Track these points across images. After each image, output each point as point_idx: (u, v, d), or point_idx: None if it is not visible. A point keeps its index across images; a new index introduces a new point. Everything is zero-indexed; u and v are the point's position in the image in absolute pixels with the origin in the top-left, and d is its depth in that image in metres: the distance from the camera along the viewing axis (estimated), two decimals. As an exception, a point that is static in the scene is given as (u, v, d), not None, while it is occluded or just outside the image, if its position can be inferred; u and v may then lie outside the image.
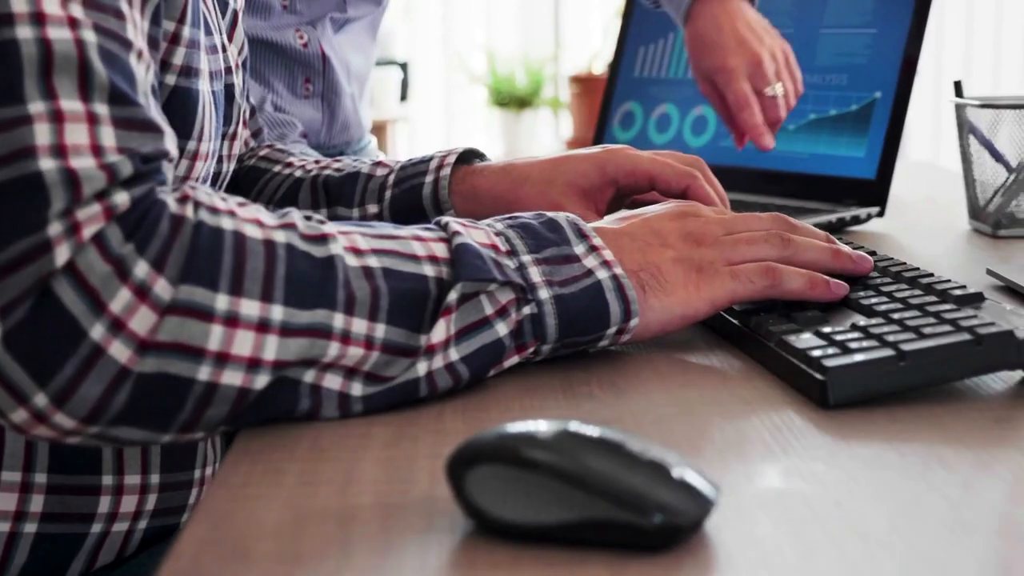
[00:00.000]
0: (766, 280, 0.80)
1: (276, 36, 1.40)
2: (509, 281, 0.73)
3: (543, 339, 0.75)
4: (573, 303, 0.75)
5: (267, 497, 0.60)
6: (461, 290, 0.71)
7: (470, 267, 0.72)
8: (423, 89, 4.29)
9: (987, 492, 0.58)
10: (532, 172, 1.02)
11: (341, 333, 0.68)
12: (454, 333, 0.71)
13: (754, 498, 0.58)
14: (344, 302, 0.68)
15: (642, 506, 0.52)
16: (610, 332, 0.77)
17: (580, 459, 0.53)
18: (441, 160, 1.05)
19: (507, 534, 0.54)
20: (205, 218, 0.66)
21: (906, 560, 0.51)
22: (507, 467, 0.54)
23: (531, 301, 0.74)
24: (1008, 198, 1.23)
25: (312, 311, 0.67)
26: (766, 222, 0.84)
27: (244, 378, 0.66)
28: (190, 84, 0.83)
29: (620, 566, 0.51)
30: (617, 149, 1.02)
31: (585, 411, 0.71)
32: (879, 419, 0.68)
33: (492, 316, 0.73)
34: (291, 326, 0.67)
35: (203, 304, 0.64)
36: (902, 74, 1.30)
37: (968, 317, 0.74)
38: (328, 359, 0.68)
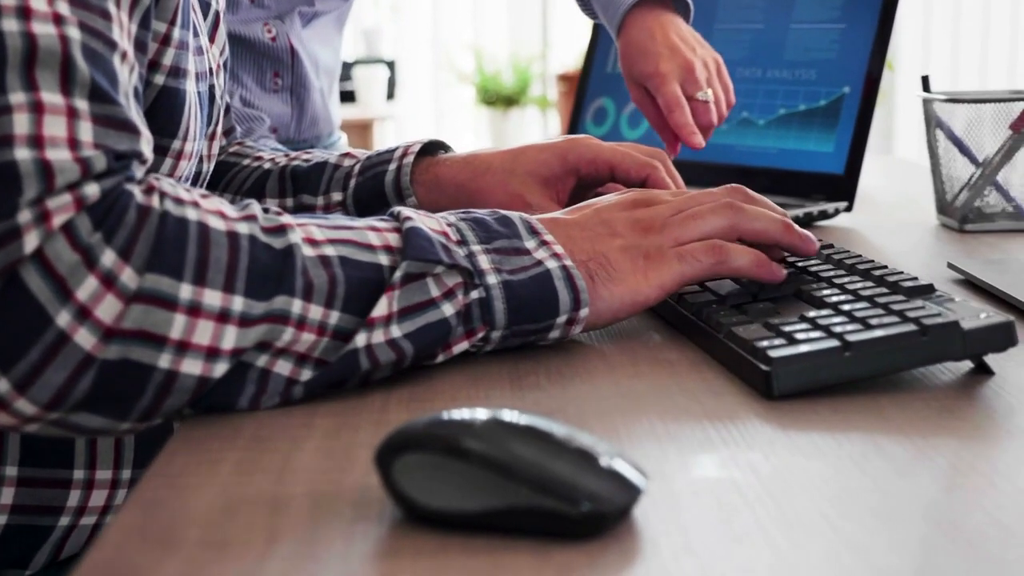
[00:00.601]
0: (712, 257, 0.80)
1: (244, 30, 1.39)
2: (456, 264, 0.73)
3: (492, 324, 0.75)
4: (521, 289, 0.75)
5: (201, 486, 0.60)
6: (405, 269, 0.72)
7: (416, 248, 0.72)
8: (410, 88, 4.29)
9: (921, 480, 0.58)
10: (494, 161, 1.02)
11: (297, 319, 0.69)
12: (397, 311, 0.71)
13: (686, 486, 0.58)
14: (302, 289, 0.69)
15: (568, 494, 0.52)
16: (560, 321, 0.77)
17: (507, 447, 0.53)
18: (405, 149, 1.05)
19: (435, 522, 0.54)
20: (170, 208, 0.67)
21: (831, 546, 0.51)
22: (434, 455, 0.54)
23: (479, 286, 0.74)
24: (975, 193, 1.23)
25: (271, 299, 0.68)
26: (719, 194, 0.84)
27: (203, 366, 0.67)
28: (178, 84, 0.83)
29: (545, 553, 0.51)
30: (578, 139, 1.02)
31: (530, 401, 0.71)
32: (822, 410, 0.68)
33: (438, 298, 0.73)
34: (250, 316, 0.67)
35: (167, 293, 0.65)
36: (870, 69, 1.30)
37: (915, 308, 0.74)
38: (282, 344, 0.69)
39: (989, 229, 1.23)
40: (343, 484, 0.59)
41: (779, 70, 1.37)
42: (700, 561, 0.50)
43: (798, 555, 0.50)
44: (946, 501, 0.56)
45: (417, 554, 0.52)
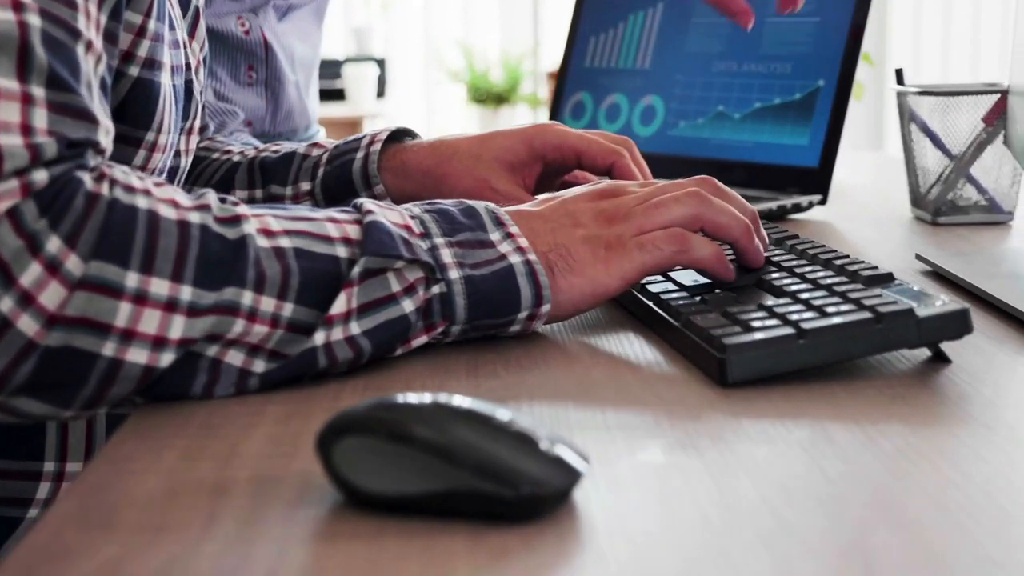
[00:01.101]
0: (674, 245, 0.79)
1: (217, 23, 1.39)
2: (417, 259, 0.73)
3: (452, 319, 0.75)
4: (483, 284, 0.75)
5: (146, 471, 0.60)
6: (364, 265, 0.71)
7: (376, 243, 0.72)
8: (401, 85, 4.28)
9: (866, 466, 0.58)
10: (460, 147, 1.02)
11: (248, 311, 0.68)
12: (356, 307, 0.71)
13: (630, 471, 0.58)
14: (254, 280, 0.68)
15: (506, 477, 0.52)
16: (521, 316, 0.77)
17: (446, 430, 0.53)
18: (372, 137, 1.05)
19: (375, 506, 0.54)
20: (120, 196, 0.66)
21: (769, 530, 0.51)
22: (373, 438, 0.53)
23: (440, 280, 0.74)
24: (948, 186, 1.23)
25: (221, 290, 0.67)
26: (687, 184, 0.82)
27: (149, 356, 0.66)
28: (153, 76, 0.83)
29: (480, 536, 0.51)
30: (546, 125, 1.02)
31: (484, 389, 0.71)
32: (775, 397, 0.68)
33: (399, 293, 0.72)
34: (199, 306, 0.67)
35: (113, 281, 0.65)
36: (844, 62, 1.29)
37: (872, 296, 0.74)
38: (232, 335, 0.68)
39: (963, 222, 1.23)
40: (288, 469, 0.59)
41: (754, 64, 1.37)
42: (635, 544, 0.50)
43: (734, 539, 0.50)
44: (889, 486, 0.56)
45: (353, 537, 0.52)
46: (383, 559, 0.49)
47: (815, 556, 0.48)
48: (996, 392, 0.69)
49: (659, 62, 1.47)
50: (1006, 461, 0.58)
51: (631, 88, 1.50)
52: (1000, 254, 1.04)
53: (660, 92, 1.46)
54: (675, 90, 1.45)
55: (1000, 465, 0.57)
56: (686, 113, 1.43)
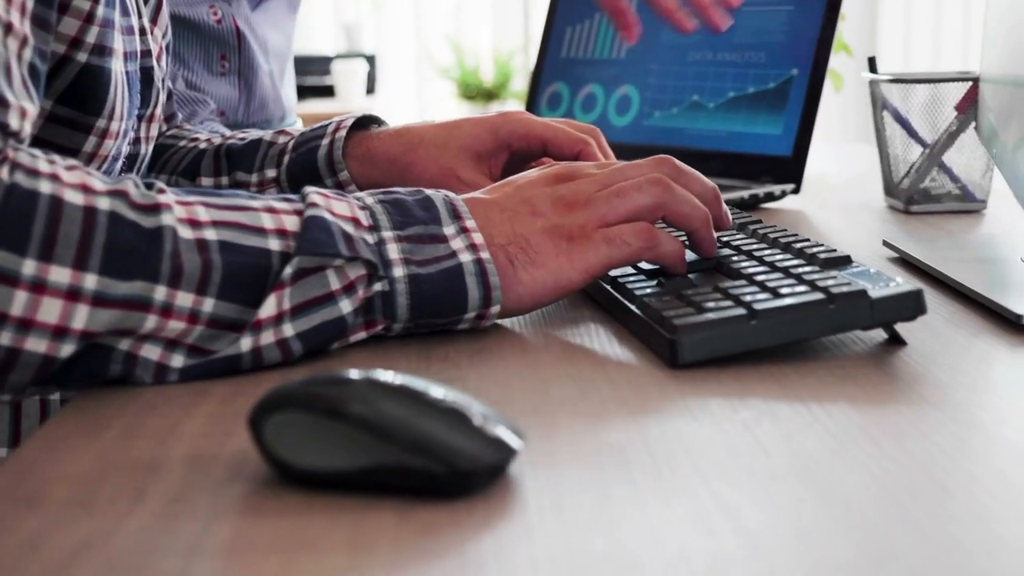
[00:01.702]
0: (641, 241, 0.77)
1: (189, 12, 1.39)
2: (357, 256, 0.71)
3: (394, 318, 0.73)
4: (428, 284, 0.73)
5: (82, 449, 0.59)
6: (297, 265, 0.69)
7: (312, 241, 0.69)
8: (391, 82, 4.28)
9: (807, 444, 0.57)
10: (426, 135, 1.01)
11: (161, 306, 0.66)
12: (289, 308, 0.69)
13: (570, 449, 0.57)
14: (169, 274, 0.66)
15: (435, 452, 0.51)
16: (468, 316, 0.75)
17: (376, 406, 0.52)
18: (338, 124, 1.04)
19: (307, 482, 0.53)
20: (20, 180, 0.64)
21: (703, 506, 0.50)
22: (304, 414, 0.53)
23: (384, 278, 0.72)
24: (921, 175, 1.22)
25: (131, 282, 0.65)
26: (646, 167, 0.81)
27: (49, 346, 0.64)
28: (102, 63, 0.82)
29: (409, 512, 0.50)
30: (511, 114, 1.01)
31: (434, 371, 0.70)
32: (725, 378, 0.68)
33: (337, 292, 0.70)
34: (105, 296, 0.64)
35: (8, 269, 0.62)
36: (818, 51, 1.29)
37: (827, 278, 0.73)
38: (144, 331, 0.66)
39: (935, 211, 1.23)
40: (225, 447, 0.59)
41: (729, 53, 1.37)
42: (564, 519, 0.49)
43: (665, 514, 0.50)
44: (828, 463, 0.55)
45: (280, 513, 0.51)
46: (307, 534, 0.49)
47: (746, 531, 0.48)
48: (949, 374, 0.68)
49: (634, 52, 1.47)
50: (951, 440, 0.57)
51: (607, 78, 1.49)
52: (968, 241, 1.03)
53: (635, 82, 1.46)
54: (650, 80, 1.44)
55: (944, 444, 0.57)
56: (661, 103, 1.42)
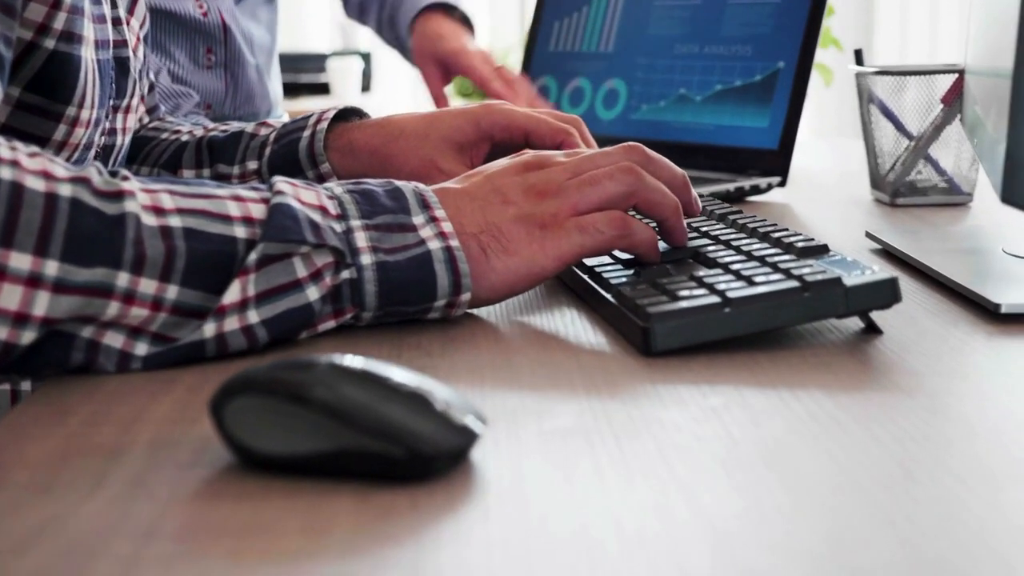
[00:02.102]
0: (615, 230, 0.76)
1: (175, 6, 1.38)
2: (324, 244, 0.70)
3: (362, 306, 0.73)
4: (396, 272, 0.72)
5: (45, 436, 0.59)
6: (262, 251, 0.69)
7: (277, 227, 0.69)
8: (388, 79, 4.26)
9: (775, 430, 0.57)
10: (407, 126, 1.01)
11: (124, 292, 0.66)
12: (255, 295, 0.69)
13: (536, 434, 0.57)
14: (132, 261, 0.66)
15: (395, 436, 0.51)
16: (438, 304, 0.75)
17: (336, 390, 0.52)
18: (319, 116, 1.04)
19: (268, 467, 0.53)
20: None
21: (665, 490, 0.50)
22: (264, 399, 0.52)
23: (351, 266, 0.72)
24: (907, 167, 1.22)
25: (92, 269, 0.65)
26: (616, 155, 0.80)
27: (9, 332, 0.64)
28: (71, 50, 0.81)
29: (368, 496, 0.50)
30: (493, 104, 1.01)
31: (405, 359, 0.70)
32: (697, 365, 0.67)
33: (304, 279, 0.70)
34: (66, 283, 0.64)
35: None
36: (804, 44, 1.28)
37: (802, 266, 0.73)
38: (107, 318, 0.66)
39: (921, 203, 1.22)
40: (189, 433, 0.58)
41: (716, 46, 1.36)
42: (524, 503, 0.49)
43: (627, 498, 0.49)
44: (794, 449, 0.54)
45: (238, 497, 0.51)
46: (263, 518, 0.48)
47: (706, 515, 0.47)
48: (923, 362, 0.68)
49: (622, 45, 1.47)
50: (919, 426, 0.57)
51: (594, 72, 1.49)
52: (952, 232, 1.03)
53: (623, 75, 1.45)
54: (638, 73, 1.44)
55: (912, 430, 0.56)
56: (648, 96, 1.42)
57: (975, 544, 0.44)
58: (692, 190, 0.82)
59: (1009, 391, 0.63)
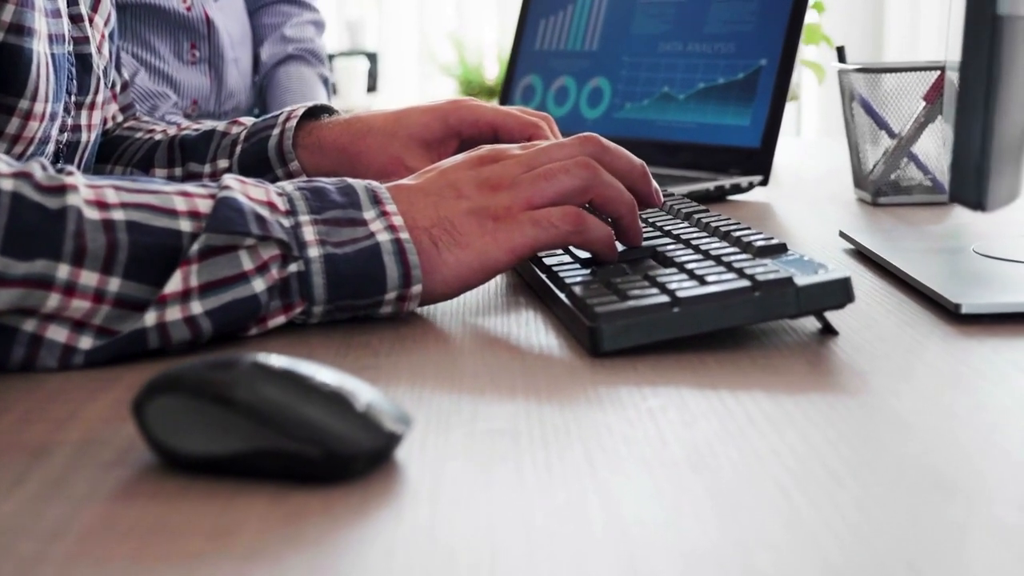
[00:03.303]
0: (569, 225, 0.76)
1: (160, 0, 1.38)
2: (269, 236, 0.70)
3: (311, 300, 0.72)
4: (344, 264, 0.72)
5: (-25, 434, 0.58)
6: (205, 242, 0.69)
7: (221, 219, 0.69)
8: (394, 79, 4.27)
9: (709, 432, 0.56)
10: (375, 124, 1.00)
11: (64, 284, 0.66)
12: (197, 285, 0.68)
13: (465, 436, 0.56)
14: (72, 253, 0.66)
15: (310, 436, 0.50)
16: (389, 298, 0.74)
17: (254, 389, 0.51)
18: (289, 114, 1.03)
19: (190, 467, 0.52)
20: None
21: (584, 492, 0.49)
22: (184, 398, 0.52)
23: (298, 259, 0.71)
24: (890, 166, 1.21)
25: (32, 262, 0.65)
26: (571, 148, 0.79)
27: None
28: (21, 42, 0.81)
29: (283, 497, 0.49)
30: (461, 101, 1.00)
31: (350, 359, 0.69)
32: (642, 367, 0.66)
33: (250, 272, 0.70)
34: (5, 276, 0.64)
35: None
36: (786, 41, 1.27)
37: (756, 266, 0.72)
38: (48, 310, 0.66)
39: (904, 202, 1.21)
40: (119, 432, 0.58)
41: (699, 43, 1.35)
42: (438, 506, 0.48)
43: (542, 502, 0.48)
44: (723, 452, 0.53)
45: (153, 497, 0.50)
46: (173, 519, 0.48)
47: (619, 519, 0.46)
48: (873, 362, 0.67)
49: (606, 44, 1.46)
50: (854, 428, 0.56)
51: (579, 70, 1.48)
52: (929, 232, 1.02)
53: (607, 74, 1.45)
54: (622, 72, 1.43)
55: (847, 432, 0.55)
56: (632, 95, 1.41)
57: (889, 553, 0.43)
58: (652, 181, 0.82)
59: (953, 391, 0.62)
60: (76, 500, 0.50)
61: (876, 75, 1.20)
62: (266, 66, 1.65)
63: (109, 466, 0.54)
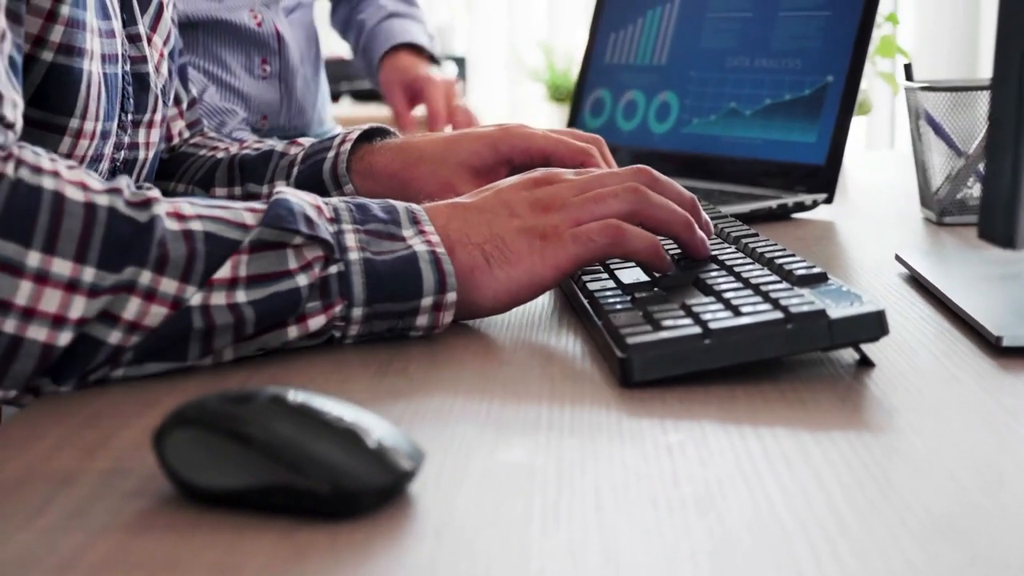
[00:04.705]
0: (607, 238, 0.78)
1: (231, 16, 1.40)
2: (316, 236, 0.73)
3: (350, 300, 0.74)
4: (383, 266, 0.75)
5: (11, 459, 0.60)
6: (257, 235, 0.72)
7: (273, 216, 0.72)
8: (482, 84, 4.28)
9: (721, 471, 0.56)
10: (426, 150, 1.01)
11: (146, 290, 0.69)
12: (245, 276, 0.71)
13: (481, 470, 0.57)
14: (155, 261, 0.69)
15: (320, 472, 0.51)
16: (426, 304, 0.76)
17: (266, 425, 0.52)
18: (344, 137, 1.04)
19: (207, 500, 0.53)
20: (25, 177, 0.67)
21: (584, 532, 0.49)
22: (201, 431, 0.53)
23: (339, 261, 0.74)
24: (956, 185, 1.19)
25: (121, 271, 0.68)
26: (624, 177, 0.81)
27: (48, 334, 0.67)
28: (71, 62, 0.83)
29: (291, 533, 0.50)
30: (512, 128, 1.01)
31: (383, 387, 0.70)
32: (671, 398, 0.66)
33: (295, 270, 0.73)
34: (99, 287, 0.68)
35: (14, 260, 0.66)
36: (854, 58, 1.26)
37: (792, 296, 0.71)
38: (130, 316, 0.68)
39: (970, 222, 1.19)
40: (145, 462, 0.59)
41: (766, 59, 1.34)
42: (442, 544, 0.49)
43: (543, 541, 0.49)
44: (732, 491, 0.53)
45: (166, 529, 0.51)
46: (180, 552, 0.49)
47: (615, 561, 0.47)
48: (903, 398, 0.66)
49: (675, 58, 1.45)
50: (871, 468, 0.56)
51: (648, 84, 1.48)
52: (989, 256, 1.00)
53: (675, 88, 1.44)
54: (690, 87, 1.43)
55: (860, 472, 0.55)
56: (700, 110, 1.41)
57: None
58: (702, 212, 0.83)
59: (978, 432, 0.61)
60: (92, 531, 0.51)
61: (943, 93, 1.19)
62: (366, 25, 1.79)
63: (130, 496, 0.55)
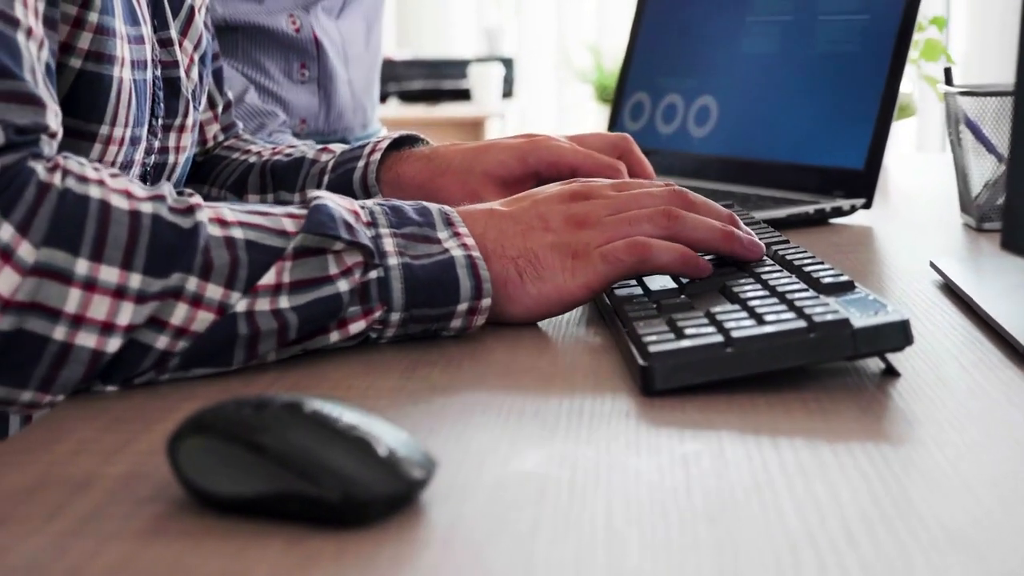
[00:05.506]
0: (634, 256, 0.79)
1: (269, 21, 1.41)
2: (356, 242, 0.73)
3: (390, 305, 0.75)
4: (421, 271, 0.76)
5: (30, 463, 0.60)
6: (300, 241, 0.72)
7: (315, 222, 0.73)
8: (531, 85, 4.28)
9: (736, 482, 0.55)
10: (453, 160, 1.01)
11: (192, 296, 0.70)
12: (288, 282, 0.72)
13: (494, 479, 0.56)
14: (201, 267, 0.70)
15: (328, 480, 0.51)
16: (461, 309, 0.77)
17: (277, 433, 0.52)
18: (374, 145, 1.05)
19: (218, 506, 0.54)
20: (72, 186, 0.69)
21: (592, 543, 0.49)
22: (212, 439, 0.53)
23: (378, 266, 0.75)
24: (996, 191, 1.18)
25: (168, 277, 0.69)
26: (659, 198, 0.82)
27: (98, 340, 0.68)
28: (100, 69, 0.83)
29: (299, 541, 0.50)
30: (540, 139, 1.01)
31: (406, 392, 0.70)
32: (691, 408, 0.66)
33: (335, 275, 0.73)
34: (146, 293, 0.69)
35: (63, 268, 0.67)
36: (893, 62, 1.25)
37: (816, 305, 0.71)
38: (178, 321, 0.70)
39: (1010, 229, 1.18)
40: (162, 468, 0.58)
41: (805, 63, 1.33)
42: (448, 554, 0.49)
43: (550, 551, 0.49)
44: (744, 504, 0.53)
45: (177, 536, 0.51)
46: (188, 559, 0.49)
47: (620, 574, 0.46)
48: (926, 410, 0.65)
49: (714, 61, 1.45)
50: (887, 481, 0.55)
51: (687, 88, 1.47)
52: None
53: (714, 92, 1.44)
54: (728, 90, 1.42)
55: (876, 485, 0.54)
56: (738, 113, 1.40)
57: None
58: (740, 222, 0.85)
59: (1000, 445, 0.60)
60: (103, 537, 0.51)
61: (982, 98, 1.17)
62: None
63: (144, 502, 0.55)
